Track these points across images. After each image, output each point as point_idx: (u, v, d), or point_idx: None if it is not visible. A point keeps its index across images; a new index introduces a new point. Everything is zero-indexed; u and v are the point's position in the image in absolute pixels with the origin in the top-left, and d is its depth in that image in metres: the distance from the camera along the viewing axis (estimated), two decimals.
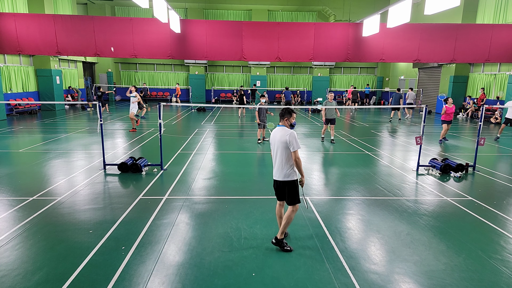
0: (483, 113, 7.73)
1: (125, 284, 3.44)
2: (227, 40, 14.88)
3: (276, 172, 4.10)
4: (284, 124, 4.09)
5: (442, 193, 6.35)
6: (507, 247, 4.33)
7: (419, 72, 24.04)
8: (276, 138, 4.03)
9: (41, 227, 4.68)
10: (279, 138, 3.98)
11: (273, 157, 4.15)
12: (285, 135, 3.93)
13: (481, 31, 15.00)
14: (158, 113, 7.25)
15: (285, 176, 4.03)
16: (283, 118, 4.09)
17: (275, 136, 4.05)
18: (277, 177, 4.11)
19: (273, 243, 4.16)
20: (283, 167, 4.02)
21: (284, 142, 3.93)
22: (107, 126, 13.77)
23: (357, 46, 15.21)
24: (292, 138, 3.90)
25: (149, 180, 6.81)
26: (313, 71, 29.34)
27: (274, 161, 4.14)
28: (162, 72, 29.01)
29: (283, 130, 4.01)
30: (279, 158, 4.02)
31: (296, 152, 3.94)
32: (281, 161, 4.02)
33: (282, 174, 4.04)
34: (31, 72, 19.03)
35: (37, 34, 14.16)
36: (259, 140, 10.94)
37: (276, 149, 4.03)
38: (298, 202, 4.11)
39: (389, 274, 3.70)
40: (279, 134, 4.00)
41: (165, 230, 4.64)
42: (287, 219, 4.11)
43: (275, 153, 4.07)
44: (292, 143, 3.90)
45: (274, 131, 4.13)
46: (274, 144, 4.08)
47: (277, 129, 4.10)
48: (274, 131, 4.12)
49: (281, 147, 3.96)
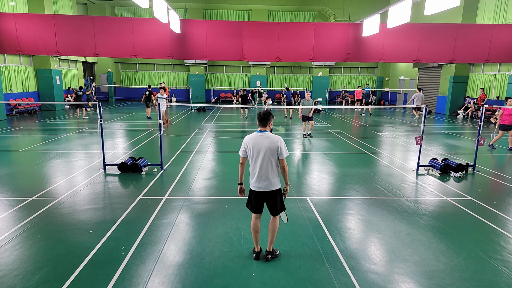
0: (483, 113, 7.73)
1: (125, 284, 3.44)
2: (227, 40, 14.88)
3: (265, 183, 3.71)
4: (266, 129, 3.79)
5: (442, 193, 6.35)
6: (507, 247, 4.33)
7: (419, 72, 24.04)
8: (262, 144, 3.66)
9: (41, 227, 4.68)
10: (268, 145, 3.65)
11: (255, 166, 3.70)
12: (275, 141, 3.66)
13: (481, 31, 15.00)
14: (158, 113, 7.25)
15: (274, 185, 3.73)
16: (267, 122, 3.76)
17: (260, 142, 3.67)
18: (266, 188, 3.72)
19: (268, 259, 3.88)
20: (272, 176, 3.71)
21: (274, 149, 3.66)
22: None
23: (357, 46, 15.21)
24: (283, 145, 3.70)
25: (149, 180, 6.81)
26: (313, 71, 29.35)
27: (256, 170, 3.70)
28: (162, 72, 29.01)
29: (270, 136, 3.70)
30: (266, 166, 3.67)
31: (284, 159, 3.75)
32: (269, 170, 3.68)
33: (272, 183, 3.72)
34: (31, 72, 19.03)
35: (37, 34, 14.15)
36: None
37: (262, 157, 3.66)
38: (283, 209, 3.91)
39: (389, 274, 3.70)
40: (267, 140, 3.66)
41: (165, 230, 4.64)
42: (276, 228, 3.89)
43: (260, 161, 3.67)
44: (283, 150, 3.69)
45: (256, 137, 3.71)
46: (258, 152, 3.67)
47: (260, 135, 3.71)
48: (255, 137, 3.71)
49: (269, 154, 3.66)
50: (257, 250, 3.94)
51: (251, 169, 3.80)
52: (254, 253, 3.96)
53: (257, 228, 3.90)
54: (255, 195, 3.80)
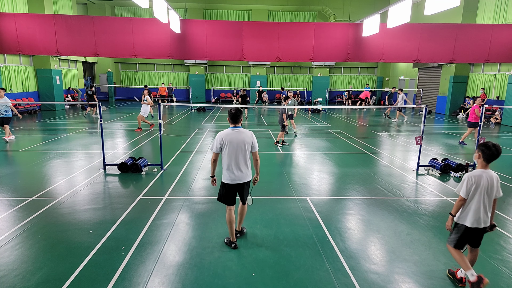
0: (483, 113, 7.73)
1: (125, 284, 3.44)
2: (227, 40, 14.88)
3: (240, 175, 4.03)
4: (239, 125, 4.07)
5: (442, 193, 6.35)
6: (507, 247, 4.33)
7: (419, 72, 24.04)
8: (238, 139, 3.96)
9: (41, 227, 4.68)
10: (243, 139, 3.98)
11: (231, 159, 3.98)
12: (249, 136, 4.06)
13: (481, 31, 15.00)
14: (158, 113, 7.25)
15: (247, 176, 4.11)
16: (239, 119, 4.05)
17: (236, 138, 3.97)
18: (240, 180, 4.05)
19: (238, 236, 4.38)
20: (247, 167, 4.09)
21: (249, 143, 4.04)
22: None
23: (357, 46, 15.21)
24: (255, 139, 4.14)
25: (149, 180, 6.81)
26: (313, 71, 29.34)
27: (232, 163, 3.98)
28: (162, 72, 29.01)
29: (244, 131, 4.05)
30: (242, 159, 4.01)
31: (257, 152, 4.18)
32: (245, 162, 4.04)
33: (246, 174, 4.08)
34: (31, 72, 19.03)
35: (37, 34, 14.16)
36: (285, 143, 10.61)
37: (238, 151, 3.97)
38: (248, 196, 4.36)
39: (389, 274, 3.70)
40: (242, 135, 3.99)
41: (165, 230, 4.64)
42: (244, 213, 4.39)
43: (236, 155, 3.97)
44: (256, 144, 4.13)
45: (231, 133, 3.99)
46: (234, 146, 3.95)
47: (234, 131, 4.00)
48: (231, 133, 3.99)
49: (245, 148, 4.00)
50: (233, 240, 4.21)
51: (226, 164, 4.02)
52: (231, 243, 4.20)
53: (232, 219, 4.16)
54: (229, 187, 4.09)
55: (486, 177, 3.24)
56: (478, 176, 3.25)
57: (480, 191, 3.24)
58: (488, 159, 3.22)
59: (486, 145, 3.20)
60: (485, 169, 3.28)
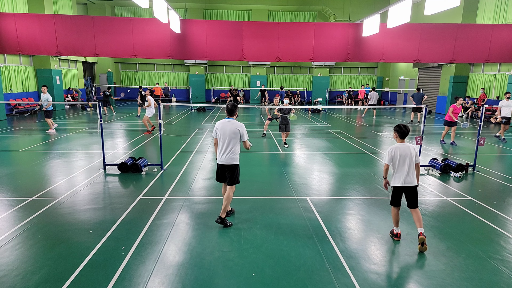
0: (483, 113, 7.73)
1: (125, 284, 3.44)
2: (227, 40, 14.87)
3: (226, 158, 4.69)
4: (233, 117, 4.76)
5: (442, 193, 6.35)
6: (507, 247, 4.33)
7: (419, 72, 24.04)
8: (228, 128, 4.65)
9: (41, 227, 4.68)
10: (233, 129, 4.63)
11: (223, 145, 4.69)
12: (237, 126, 4.66)
13: (481, 31, 15.00)
14: (158, 113, 7.25)
15: (234, 160, 4.73)
16: (234, 113, 4.75)
17: (226, 127, 4.66)
18: (225, 162, 4.71)
19: (218, 222, 4.71)
20: (234, 153, 4.70)
21: (237, 133, 4.65)
22: (108, 126, 13.77)
23: (357, 46, 15.21)
24: (244, 130, 4.73)
25: (149, 180, 6.81)
26: (313, 71, 29.35)
27: (222, 148, 4.70)
28: (162, 72, 29.01)
29: (235, 122, 4.69)
30: (230, 146, 4.67)
31: (247, 141, 4.81)
32: (231, 149, 4.67)
33: (233, 158, 4.70)
34: (31, 72, 19.03)
35: (37, 34, 14.16)
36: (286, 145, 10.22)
37: (227, 138, 4.65)
38: (237, 182, 4.82)
39: (389, 274, 3.70)
40: (232, 126, 4.65)
41: (165, 230, 4.64)
42: (228, 198, 4.72)
43: (225, 141, 4.67)
44: (244, 134, 4.72)
45: (224, 122, 4.71)
46: (224, 134, 4.67)
47: (227, 121, 4.71)
48: (223, 123, 4.71)
49: (233, 137, 4.65)
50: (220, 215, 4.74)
51: (219, 147, 4.77)
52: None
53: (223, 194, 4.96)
54: (220, 167, 4.84)
55: (403, 148, 4.27)
56: (396, 147, 4.30)
57: (400, 158, 4.25)
58: (401, 136, 4.31)
59: (399, 126, 4.30)
60: (401, 143, 4.32)
